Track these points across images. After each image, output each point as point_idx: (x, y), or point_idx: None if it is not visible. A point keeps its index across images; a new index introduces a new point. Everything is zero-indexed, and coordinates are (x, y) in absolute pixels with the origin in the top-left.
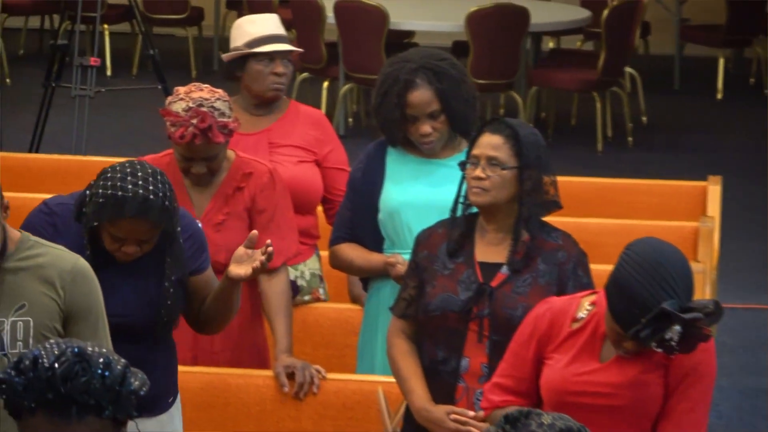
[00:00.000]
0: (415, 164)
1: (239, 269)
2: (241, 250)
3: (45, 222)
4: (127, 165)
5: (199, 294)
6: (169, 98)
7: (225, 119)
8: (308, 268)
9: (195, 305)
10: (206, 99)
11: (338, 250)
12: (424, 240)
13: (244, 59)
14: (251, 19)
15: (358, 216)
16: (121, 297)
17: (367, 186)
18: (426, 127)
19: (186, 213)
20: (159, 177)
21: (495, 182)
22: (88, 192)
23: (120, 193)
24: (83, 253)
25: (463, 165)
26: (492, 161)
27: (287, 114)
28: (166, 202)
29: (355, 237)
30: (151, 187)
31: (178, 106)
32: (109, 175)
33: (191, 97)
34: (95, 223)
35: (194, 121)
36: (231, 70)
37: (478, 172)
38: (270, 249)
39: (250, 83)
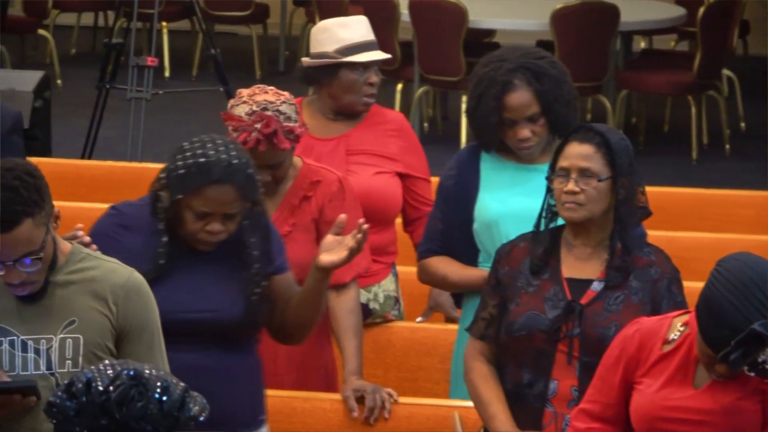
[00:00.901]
0: (512, 171)
1: (330, 256)
2: (329, 237)
3: (112, 224)
4: (203, 136)
5: (280, 297)
6: (232, 101)
7: (291, 124)
8: (383, 289)
9: (277, 309)
10: (271, 102)
11: (428, 264)
12: (504, 255)
13: (334, 66)
14: (343, 23)
15: (451, 227)
16: (204, 292)
17: (460, 195)
18: (525, 132)
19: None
20: (239, 145)
21: (590, 196)
22: (163, 174)
23: (203, 159)
24: (158, 247)
25: (549, 178)
26: (585, 173)
27: (367, 119)
28: (249, 170)
29: (447, 250)
30: (233, 153)
31: (241, 110)
32: (186, 147)
33: (255, 100)
34: (179, 196)
35: (258, 125)
36: (313, 76)
37: (571, 186)
38: (365, 226)
39: (341, 93)
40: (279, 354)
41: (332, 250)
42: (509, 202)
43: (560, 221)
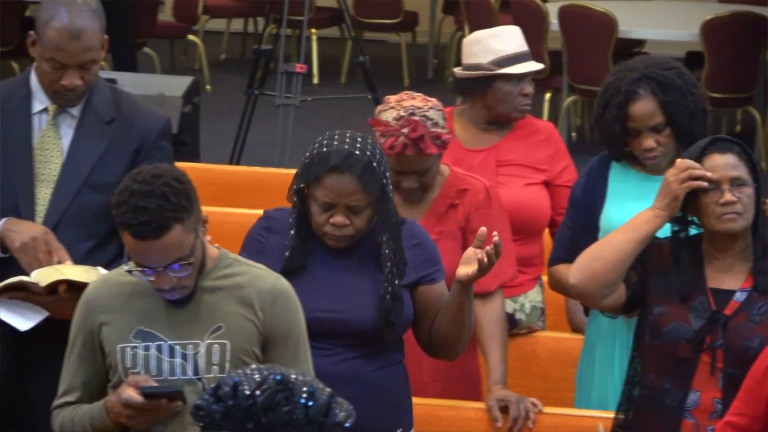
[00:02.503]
0: (638, 181)
1: (466, 268)
2: (470, 250)
3: (260, 228)
4: (334, 131)
5: (429, 308)
6: (379, 107)
7: (438, 130)
8: (529, 300)
9: (425, 321)
10: (419, 108)
11: (557, 272)
12: (656, 248)
13: (489, 78)
14: (496, 34)
15: (579, 235)
16: (337, 292)
17: (587, 203)
18: (649, 141)
19: (417, 224)
20: (369, 140)
21: (746, 204)
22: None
23: (325, 149)
24: (288, 241)
25: (694, 192)
26: (736, 182)
27: (517, 129)
28: (374, 163)
29: (575, 257)
30: (357, 145)
31: (389, 115)
32: (317, 140)
33: (402, 105)
34: (301, 185)
35: (405, 130)
36: (467, 88)
37: (728, 197)
38: (496, 239)
39: (495, 104)
40: (424, 363)
41: (470, 263)
42: (632, 211)
43: (691, 231)
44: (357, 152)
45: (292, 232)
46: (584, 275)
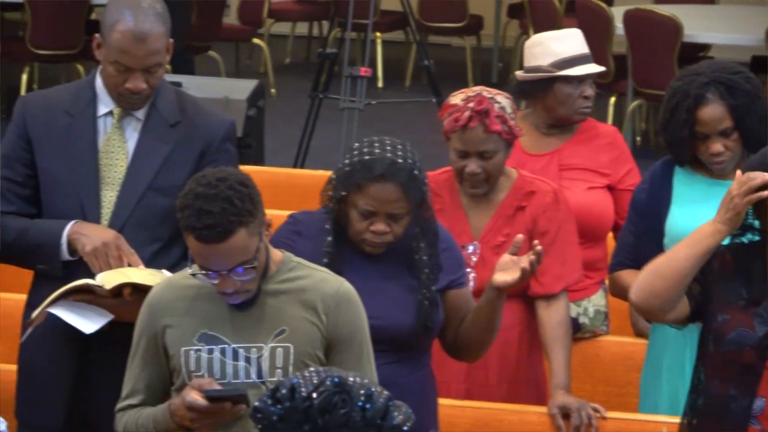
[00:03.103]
0: (704, 185)
1: (504, 275)
2: (506, 257)
3: (288, 231)
4: (372, 137)
5: (456, 312)
6: (450, 96)
7: (505, 113)
8: (593, 304)
9: (452, 325)
10: (488, 91)
11: (619, 278)
12: (717, 256)
13: (549, 80)
14: (556, 37)
15: (642, 241)
16: (374, 298)
17: (652, 208)
18: (717, 146)
19: (444, 229)
20: (408, 147)
21: None
22: (333, 175)
23: (367, 157)
24: (323, 247)
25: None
26: None
27: (580, 133)
28: (415, 171)
29: (639, 263)
30: (399, 153)
31: (457, 98)
32: (355, 147)
33: (472, 89)
34: (343, 193)
35: (471, 104)
36: (528, 90)
37: None
38: (539, 248)
39: (556, 106)
40: (490, 366)
41: (507, 270)
42: (700, 216)
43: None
44: (400, 160)
45: (329, 238)
46: (646, 292)
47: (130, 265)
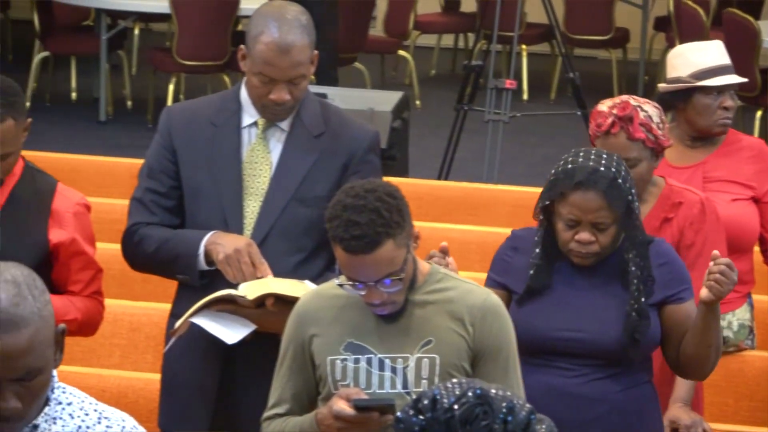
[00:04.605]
0: None
1: (706, 290)
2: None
3: (507, 247)
4: (580, 148)
5: (677, 327)
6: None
7: (651, 122)
8: (737, 318)
9: (672, 341)
10: (635, 99)
11: None
12: None
13: (688, 91)
14: (697, 47)
15: None
16: (583, 311)
17: None
18: None
19: (666, 243)
20: (615, 157)
21: None
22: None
23: (570, 165)
24: (532, 259)
25: None
26: None
27: (725, 145)
28: (619, 180)
29: None
30: (603, 162)
31: (604, 105)
32: (562, 157)
33: (620, 98)
34: (547, 202)
35: (615, 111)
36: (669, 101)
37: None
38: (725, 260)
39: (695, 117)
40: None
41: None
42: None
43: None
44: (602, 168)
45: (537, 250)
46: None
47: (260, 277)
